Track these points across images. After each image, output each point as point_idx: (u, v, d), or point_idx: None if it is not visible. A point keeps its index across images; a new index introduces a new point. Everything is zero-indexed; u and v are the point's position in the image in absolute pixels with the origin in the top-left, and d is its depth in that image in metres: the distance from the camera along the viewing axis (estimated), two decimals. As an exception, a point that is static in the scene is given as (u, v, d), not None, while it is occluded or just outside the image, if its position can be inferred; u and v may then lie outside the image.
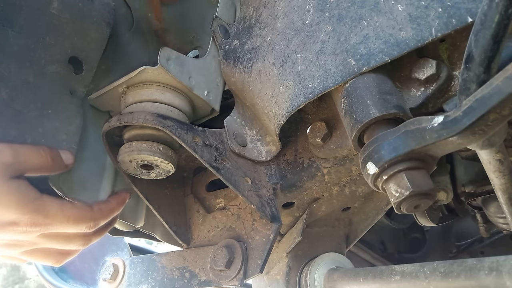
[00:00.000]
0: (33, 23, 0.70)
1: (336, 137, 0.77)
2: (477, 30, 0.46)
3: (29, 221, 0.62)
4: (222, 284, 0.86)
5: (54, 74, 0.74)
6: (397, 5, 0.64)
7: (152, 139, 0.79)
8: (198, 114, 0.92)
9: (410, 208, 0.55)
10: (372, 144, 0.57)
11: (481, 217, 1.22)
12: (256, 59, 0.82)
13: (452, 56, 0.66)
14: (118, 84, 0.79)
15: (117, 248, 1.27)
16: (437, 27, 0.60)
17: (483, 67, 0.47)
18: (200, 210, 1.02)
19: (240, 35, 0.92)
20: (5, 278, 4.47)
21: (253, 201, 0.80)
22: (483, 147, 0.54)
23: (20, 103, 0.68)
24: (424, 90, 0.65)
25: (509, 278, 0.49)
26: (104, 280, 1.10)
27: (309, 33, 0.72)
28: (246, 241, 0.88)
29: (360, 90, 0.63)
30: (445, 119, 0.49)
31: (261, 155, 0.88)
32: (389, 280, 0.70)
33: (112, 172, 0.90)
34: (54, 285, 1.31)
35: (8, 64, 0.67)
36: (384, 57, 0.62)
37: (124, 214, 0.96)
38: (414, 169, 0.54)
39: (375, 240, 1.81)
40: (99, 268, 1.23)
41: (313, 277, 0.95)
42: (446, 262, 0.61)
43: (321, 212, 0.99)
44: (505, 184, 0.63)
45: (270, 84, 0.78)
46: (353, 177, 0.89)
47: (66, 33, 0.75)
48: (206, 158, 0.76)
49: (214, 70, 0.91)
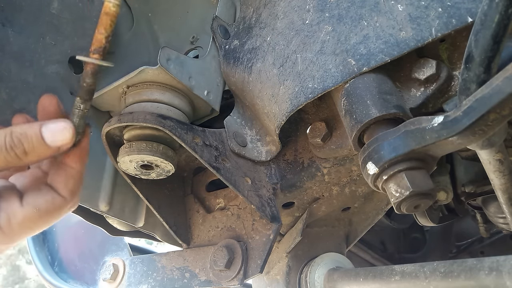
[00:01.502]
0: (33, 23, 0.70)
1: (336, 137, 0.77)
2: (477, 30, 0.46)
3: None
4: (222, 284, 0.86)
5: (54, 74, 0.74)
6: (397, 5, 0.64)
7: (152, 139, 0.79)
8: (198, 114, 0.92)
9: (410, 208, 0.55)
10: (372, 144, 0.57)
11: (481, 217, 1.22)
12: (256, 59, 0.82)
13: (452, 56, 0.66)
14: (118, 84, 0.79)
15: (117, 248, 1.27)
16: (437, 27, 0.60)
17: (483, 67, 0.47)
18: (200, 210, 1.02)
19: (240, 35, 0.92)
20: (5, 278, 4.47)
21: (253, 201, 0.80)
22: (483, 147, 0.54)
23: (20, 103, 0.68)
24: (424, 90, 0.65)
25: (509, 278, 0.49)
26: (104, 280, 1.10)
27: (309, 33, 0.72)
28: (246, 241, 0.88)
29: (360, 90, 0.63)
30: (445, 119, 0.49)
31: (261, 155, 0.88)
32: (389, 280, 0.70)
33: (112, 172, 0.90)
34: (54, 285, 1.31)
35: (8, 64, 0.67)
36: (384, 57, 0.62)
37: (124, 214, 0.96)
38: (414, 169, 0.54)
39: (375, 240, 1.81)
40: (99, 268, 1.23)
41: (313, 277, 0.95)
42: (446, 262, 0.61)
43: (321, 212, 0.99)
44: (505, 184, 0.64)
45: (270, 84, 0.78)
46: (353, 177, 0.89)
47: (66, 33, 0.75)
48: (206, 158, 0.76)
49: (214, 70, 0.91)
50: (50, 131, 0.51)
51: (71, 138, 0.52)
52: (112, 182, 0.91)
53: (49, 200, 0.53)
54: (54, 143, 0.51)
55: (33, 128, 0.51)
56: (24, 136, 0.50)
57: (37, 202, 0.52)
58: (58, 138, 0.51)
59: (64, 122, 0.52)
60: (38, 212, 0.52)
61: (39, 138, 0.50)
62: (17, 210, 0.51)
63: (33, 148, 0.50)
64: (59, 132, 0.51)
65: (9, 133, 0.49)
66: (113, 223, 1.07)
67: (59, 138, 0.51)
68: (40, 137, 0.50)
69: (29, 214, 0.52)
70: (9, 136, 0.49)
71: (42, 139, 0.50)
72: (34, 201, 0.52)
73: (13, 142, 0.49)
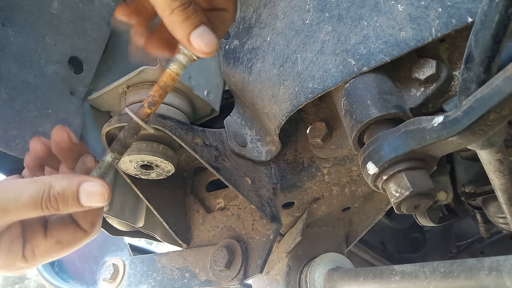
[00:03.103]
0: (33, 23, 0.70)
1: (336, 137, 0.77)
2: (477, 30, 0.46)
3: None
4: (222, 284, 0.86)
5: (54, 74, 0.74)
6: (397, 5, 0.64)
7: (152, 139, 0.79)
8: (198, 114, 0.92)
9: (410, 208, 0.55)
10: (372, 144, 0.57)
11: (481, 217, 1.22)
12: (256, 59, 0.82)
13: (452, 56, 0.66)
14: (118, 84, 0.79)
15: (117, 248, 1.27)
16: (437, 27, 0.60)
17: (483, 67, 0.47)
18: (200, 210, 1.02)
19: (240, 35, 0.92)
20: (5, 278, 4.47)
21: (253, 201, 0.80)
22: (483, 147, 0.54)
23: (20, 103, 0.68)
24: (424, 90, 0.65)
25: (509, 278, 0.49)
26: (104, 280, 1.10)
27: (309, 33, 0.72)
28: (246, 241, 0.88)
29: (360, 90, 0.63)
30: (445, 119, 0.49)
31: (261, 155, 0.88)
32: (389, 280, 0.70)
33: (112, 172, 0.90)
34: (54, 285, 1.31)
35: (8, 64, 0.67)
36: (384, 57, 0.62)
37: (124, 214, 0.96)
38: (414, 169, 0.54)
39: (375, 240, 1.81)
40: (99, 268, 1.23)
41: (313, 277, 0.95)
42: (446, 262, 0.61)
43: (321, 212, 0.99)
44: (505, 184, 0.63)
45: (270, 84, 0.78)
46: (353, 177, 0.89)
47: (66, 33, 0.75)
48: (206, 158, 0.76)
49: (214, 70, 0.91)
50: (87, 193, 0.50)
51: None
52: (112, 182, 0.91)
53: (71, 233, 0.55)
54: (87, 204, 0.51)
55: (71, 187, 0.50)
56: (62, 196, 0.49)
57: (60, 235, 0.54)
58: (93, 201, 0.51)
59: (101, 187, 0.51)
60: (60, 244, 0.54)
61: (75, 199, 0.50)
62: (41, 242, 0.53)
63: (66, 207, 0.50)
64: (96, 196, 0.50)
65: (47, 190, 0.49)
66: (113, 223, 1.07)
67: (94, 202, 0.51)
68: (77, 198, 0.50)
69: (52, 246, 0.54)
70: (46, 194, 0.49)
71: (78, 200, 0.50)
72: (57, 234, 0.54)
73: (49, 200, 0.49)
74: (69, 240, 0.54)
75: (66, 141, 0.55)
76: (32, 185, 0.49)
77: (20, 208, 0.48)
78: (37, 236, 0.53)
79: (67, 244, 0.54)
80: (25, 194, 0.48)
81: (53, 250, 0.54)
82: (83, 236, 0.55)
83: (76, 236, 0.55)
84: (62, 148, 0.56)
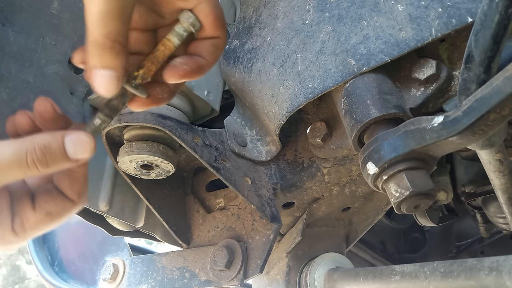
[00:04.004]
0: (33, 23, 0.70)
1: (336, 137, 0.77)
2: (477, 30, 0.46)
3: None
4: (222, 284, 0.86)
5: (54, 74, 0.74)
6: (397, 5, 0.64)
7: (152, 139, 0.79)
8: (198, 114, 0.92)
9: (410, 208, 0.55)
10: (372, 144, 0.57)
11: (481, 217, 1.22)
12: (256, 59, 0.82)
13: (452, 56, 0.66)
14: (118, 84, 0.79)
15: (117, 248, 1.27)
16: (437, 27, 0.60)
17: (483, 67, 0.47)
18: (200, 210, 1.02)
19: (240, 35, 0.92)
20: (5, 278, 4.47)
21: (253, 201, 0.80)
22: (483, 147, 0.54)
23: (20, 103, 0.68)
24: (424, 90, 0.65)
25: (509, 278, 0.49)
26: (104, 280, 1.10)
27: (309, 33, 0.72)
28: (246, 241, 0.88)
29: (360, 90, 0.63)
30: (445, 119, 0.49)
31: (261, 155, 0.88)
32: (389, 280, 0.70)
33: (112, 172, 0.90)
34: (54, 285, 1.31)
35: (8, 64, 0.67)
36: (384, 57, 0.62)
37: (124, 214, 0.96)
38: (414, 169, 0.54)
39: (375, 240, 1.81)
40: (99, 268, 1.23)
41: (313, 277, 0.95)
42: (446, 262, 0.61)
43: (321, 212, 0.99)
44: (505, 184, 0.63)
45: (270, 84, 0.78)
46: (353, 177, 0.89)
47: (66, 33, 0.75)
48: (206, 158, 0.76)
49: (214, 70, 0.91)
50: (73, 143, 0.49)
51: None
52: (112, 182, 0.91)
53: (59, 204, 0.54)
54: (75, 156, 0.50)
55: (56, 139, 0.49)
56: (48, 149, 0.48)
57: (49, 207, 0.53)
58: (79, 151, 0.50)
59: (85, 136, 0.50)
60: (50, 216, 0.53)
61: (62, 151, 0.49)
62: (30, 214, 0.52)
63: (55, 160, 0.49)
64: (81, 145, 0.50)
65: (31, 145, 0.47)
66: (113, 223, 1.07)
67: (80, 151, 0.50)
68: (63, 149, 0.49)
69: (41, 218, 0.53)
70: (31, 148, 0.47)
71: (65, 151, 0.49)
72: (46, 206, 0.53)
73: (35, 155, 0.47)
74: (58, 211, 0.54)
75: (50, 111, 0.54)
76: (14, 143, 0.47)
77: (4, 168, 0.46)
78: (25, 208, 0.52)
79: (56, 215, 0.54)
80: (7, 152, 0.46)
81: (43, 222, 0.53)
82: (71, 206, 0.55)
83: (64, 206, 0.54)
84: (46, 119, 0.54)
